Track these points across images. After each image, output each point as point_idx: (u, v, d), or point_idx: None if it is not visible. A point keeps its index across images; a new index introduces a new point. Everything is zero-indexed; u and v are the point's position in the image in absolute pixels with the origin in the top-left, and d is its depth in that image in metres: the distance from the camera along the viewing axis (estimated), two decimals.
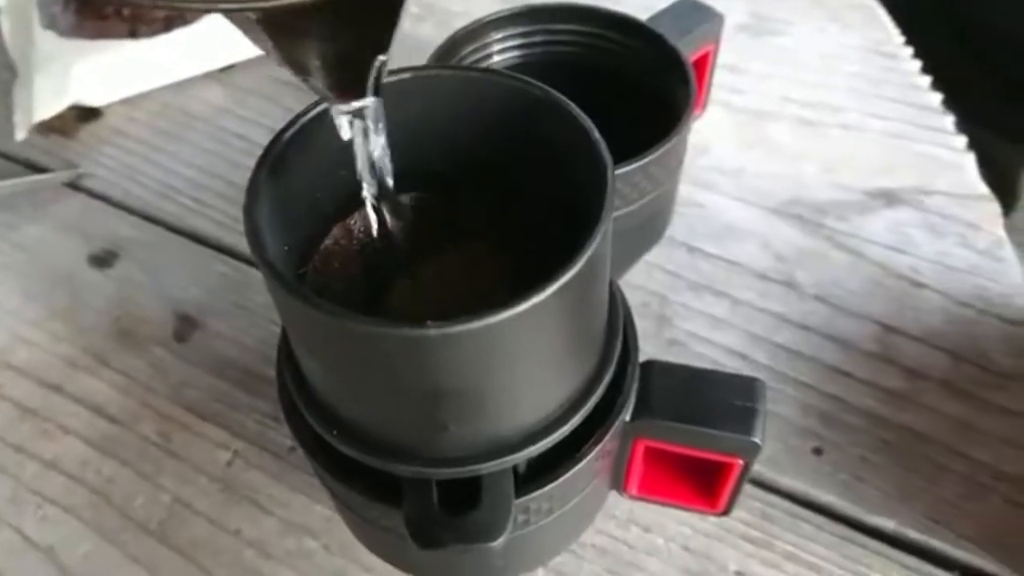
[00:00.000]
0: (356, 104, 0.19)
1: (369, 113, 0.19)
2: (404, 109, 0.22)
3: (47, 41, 0.46)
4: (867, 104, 0.45)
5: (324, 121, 0.21)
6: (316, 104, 0.21)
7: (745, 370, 0.35)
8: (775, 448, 0.33)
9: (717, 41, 0.37)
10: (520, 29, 0.35)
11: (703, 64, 0.37)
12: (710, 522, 0.31)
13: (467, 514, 0.21)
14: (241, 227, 0.42)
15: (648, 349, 0.36)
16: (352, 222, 0.24)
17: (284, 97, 0.47)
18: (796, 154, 0.43)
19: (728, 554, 0.30)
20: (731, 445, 0.24)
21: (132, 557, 0.31)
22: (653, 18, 0.35)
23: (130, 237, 0.41)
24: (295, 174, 0.21)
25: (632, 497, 0.28)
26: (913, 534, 0.31)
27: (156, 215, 0.42)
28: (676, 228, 0.39)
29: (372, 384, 0.19)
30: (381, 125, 0.20)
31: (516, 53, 0.35)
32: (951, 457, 0.32)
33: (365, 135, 0.20)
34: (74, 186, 0.43)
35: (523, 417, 0.21)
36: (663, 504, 0.28)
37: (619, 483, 0.27)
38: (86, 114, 0.46)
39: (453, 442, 0.20)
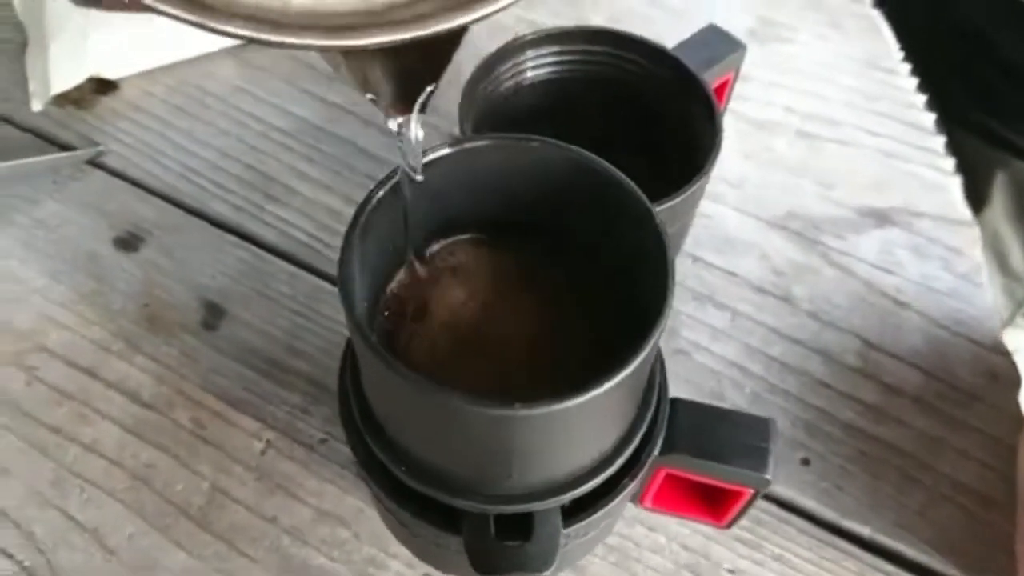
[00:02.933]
0: (404, 117, 0.21)
1: (412, 126, 0.21)
2: (476, 167, 0.24)
3: (60, 6, 0.46)
4: (863, 119, 0.47)
5: (396, 189, 0.23)
6: (393, 173, 0.23)
7: (741, 380, 0.38)
8: None
9: (738, 69, 0.38)
10: (554, 48, 0.36)
11: (723, 89, 0.39)
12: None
13: (521, 545, 0.23)
14: (260, 215, 0.44)
15: None
16: (415, 267, 0.26)
17: (300, 79, 0.48)
18: (795, 167, 0.45)
19: (723, 554, 0.34)
20: (745, 479, 0.27)
21: (175, 541, 0.34)
22: (681, 46, 0.36)
23: (152, 219, 0.42)
24: (374, 233, 0.23)
25: (646, 509, 0.31)
26: (883, 539, 0.34)
27: (177, 197, 0.43)
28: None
29: (448, 441, 0.21)
30: (420, 137, 0.22)
31: (549, 71, 0.37)
32: (918, 469, 0.36)
33: (410, 180, 0.22)
34: (94, 163, 0.44)
35: (575, 463, 0.23)
36: (673, 516, 0.31)
37: (636, 498, 0.30)
38: (103, 86, 0.46)
39: (513, 484, 0.23)
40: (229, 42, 0.48)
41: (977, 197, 0.67)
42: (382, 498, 0.26)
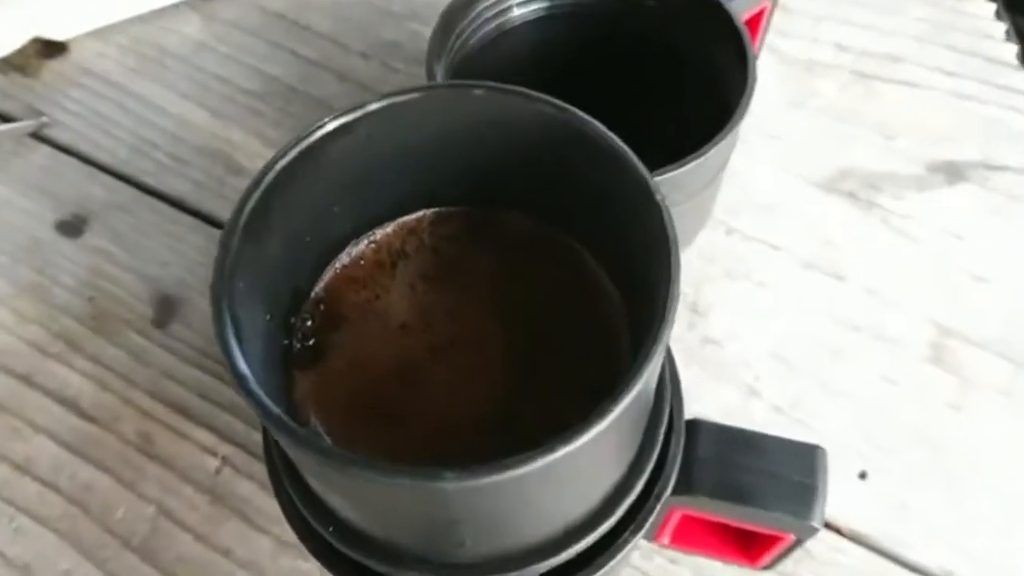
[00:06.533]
0: None
1: None
2: (409, 131, 0.18)
3: None
4: (931, 56, 0.40)
5: (309, 158, 0.17)
6: (296, 142, 0.17)
7: (784, 375, 0.32)
8: None
9: None
10: None
11: (756, 22, 0.32)
12: None
13: None
14: (222, 190, 0.38)
15: (678, 349, 0.32)
16: (347, 263, 0.20)
17: (270, 31, 0.42)
18: (849, 115, 0.38)
19: None
20: (784, 524, 0.21)
21: None
22: None
23: (101, 199, 0.37)
24: (277, 229, 0.17)
25: (663, 546, 0.25)
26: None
27: (130, 173, 0.38)
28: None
29: (383, 512, 0.16)
30: None
31: (540, 8, 0.30)
32: (1006, 482, 0.30)
33: None
34: (38, 136, 0.39)
35: (553, 525, 0.17)
36: (697, 554, 0.25)
37: (650, 535, 0.24)
38: (49, 49, 0.41)
39: (468, 553, 0.17)
40: None
41: None
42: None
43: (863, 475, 0.30)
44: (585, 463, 0.15)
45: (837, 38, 0.40)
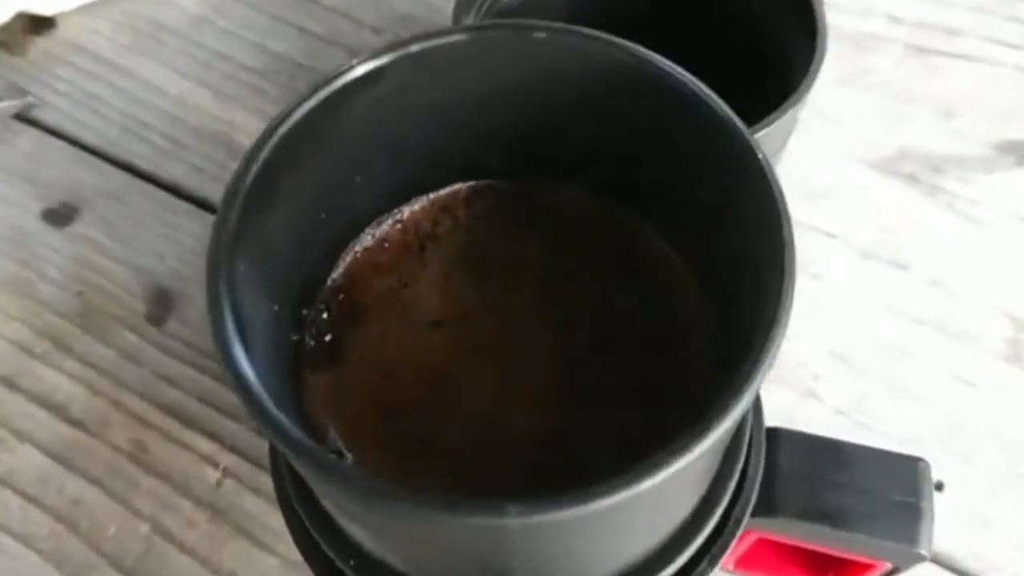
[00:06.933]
0: None
1: None
2: (472, 75, 0.15)
3: None
4: (993, 28, 0.36)
5: (329, 112, 0.14)
6: (314, 91, 0.14)
7: (844, 376, 0.29)
8: None
9: None
10: None
11: None
12: None
13: None
14: (222, 176, 0.35)
15: None
16: (369, 245, 0.17)
17: (274, 4, 0.39)
18: (905, 92, 0.35)
19: None
20: (884, 552, 0.18)
21: None
22: None
23: (92, 185, 0.34)
24: (287, 201, 0.14)
25: (725, 570, 0.22)
26: None
27: (122, 157, 0.35)
28: None
29: (421, 548, 0.13)
30: None
31: None
32: None
33: None
34: (23, 118, 0.36)
35: (614, 567, 0.14)
36: None
37: None
38: (36, 24, 0.38)
39: None
40: None
41: None
42: None
43: (939, 486, 0.27)
44: (670, 491, 0.12)
45: (889, 8, 0.37)
